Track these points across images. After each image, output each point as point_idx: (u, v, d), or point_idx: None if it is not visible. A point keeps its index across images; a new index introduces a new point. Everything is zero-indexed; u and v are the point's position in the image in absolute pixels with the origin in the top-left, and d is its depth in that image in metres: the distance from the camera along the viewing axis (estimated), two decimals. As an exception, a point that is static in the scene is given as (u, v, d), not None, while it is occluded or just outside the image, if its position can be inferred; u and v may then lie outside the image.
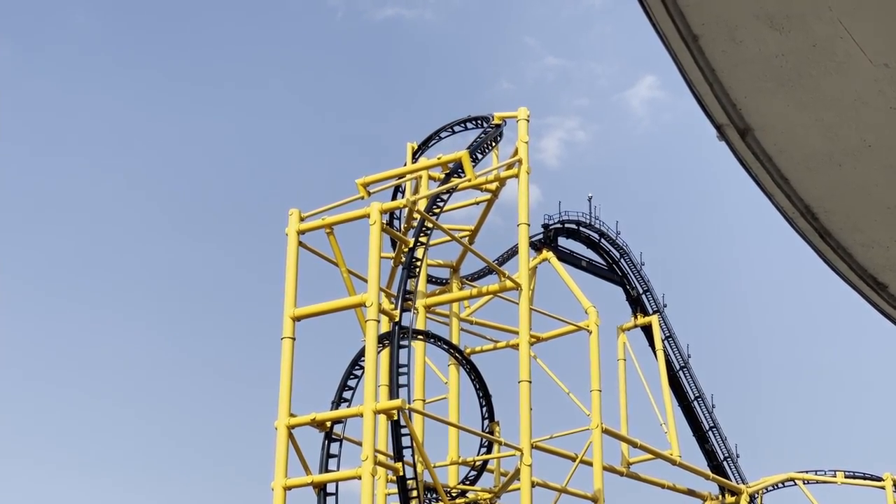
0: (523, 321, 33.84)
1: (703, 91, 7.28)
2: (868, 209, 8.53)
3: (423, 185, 35.96)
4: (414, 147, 39.06)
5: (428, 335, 35.48)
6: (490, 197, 36.96)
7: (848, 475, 50.42)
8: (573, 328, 39.99)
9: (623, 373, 44.96)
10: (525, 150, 35.04)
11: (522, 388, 32.95)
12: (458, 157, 33.70)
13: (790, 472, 50.81)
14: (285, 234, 32.34)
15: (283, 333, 31.26)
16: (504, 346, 40.08)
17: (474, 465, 35.86)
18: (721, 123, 7.62)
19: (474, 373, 35.70)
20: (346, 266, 32.62)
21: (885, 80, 7.03)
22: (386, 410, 29.39)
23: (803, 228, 8.82)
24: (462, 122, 38.13)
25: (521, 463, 32.41)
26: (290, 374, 30.90)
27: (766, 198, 8.51)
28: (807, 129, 7.61)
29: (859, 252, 9.11)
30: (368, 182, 33.66)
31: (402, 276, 31.66)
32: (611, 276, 49.70)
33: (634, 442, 41.83)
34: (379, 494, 33.26)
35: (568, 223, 48.11)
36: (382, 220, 31.39)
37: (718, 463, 49.82)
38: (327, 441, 30.50)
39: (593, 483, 37.87)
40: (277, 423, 30.37)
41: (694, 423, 50.07)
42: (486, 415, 35.46)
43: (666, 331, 49.59)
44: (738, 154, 7.91)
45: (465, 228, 38.88)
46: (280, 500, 29.64)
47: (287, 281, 31.77)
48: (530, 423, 32.80)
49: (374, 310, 29.93)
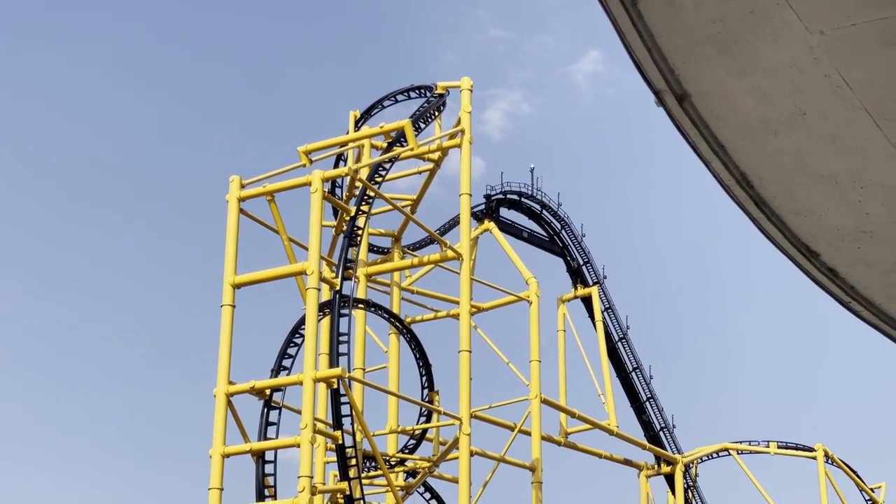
0: (464, 291, 33.92)
1: (642, 56, 7.31)
2: (802, 178, 8.62)
3: (365, 153, 35.82)
4: (357, 116, 38.88)
5: (369, 304, 35.45)
6: (432, 167, 36.92)
7: (781, 446, 51.16)
8: (514, 298, 40.16)
9: (562, 343, 45.25)
10: (468, 120, 35.02)
11: (462, 357, 33.07)
12: (400, 127, 33.60)
13: (724, 443, 51.48)
14: (226, 200, 32.09)
15: (223, 301, 31.08)
16: (445, 315, 40.18)
17: (413, 434, 35.96)
18: (659, 89, 7.67)
19: (415, 342, 35.74)
20: (286, 234, 32.46)
21: (821, 48, 7.10)
22: (326, 379, 29.35)
23: (739, 196, 8.90)
24: (405, 92, 38.00)
25: (460, 432, 32.54)
26: (230, 342, 30.75)
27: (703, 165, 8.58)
28: (743, 96, 7.68)
29: (793, 220, 9.21)
30: (310, 150, 33.47)
31: (344, 245, 31.56)
32: (552, 247, 49.92)
33: (572, 412, 42.15)
34: (318, 462, 33.27)
35: (510, 194, 48.21)
36: (324, 189, 31.24)
37: (655, 433, 50.35)
38: (266, 409, 30.42)
39: (531, 452, 38.16)
40: (216, 390, 30.23)
41: (631, 394, 50.52)
42: (426, 384, 35.54)
43: (605, 302, 49.93)
44: (675, 120, 7.97)
45: (407, 198, 38.84)
46: (218, 468, 29.54)
47: (227, 248, 31.56)
48: (470, 392, 32.93)
49: (314, 278, 29.84)
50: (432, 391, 35.48)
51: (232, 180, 32.10)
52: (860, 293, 10.22)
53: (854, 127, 7.85)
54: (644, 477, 48.87)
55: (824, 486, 49.58)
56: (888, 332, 10.92)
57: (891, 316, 10.63)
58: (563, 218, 49.75)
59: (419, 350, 35.59)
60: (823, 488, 49.51)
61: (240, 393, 30.30)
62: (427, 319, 40.67)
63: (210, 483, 29.54)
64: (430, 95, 36.32)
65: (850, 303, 10.33)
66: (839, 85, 7.42)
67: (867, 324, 10.77)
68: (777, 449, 51.07)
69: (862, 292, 10.21)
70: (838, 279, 9.99)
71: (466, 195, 34.68)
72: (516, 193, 48.46)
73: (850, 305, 10.39)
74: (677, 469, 49.41)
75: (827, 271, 9.91)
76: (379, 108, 38.58)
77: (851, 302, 10.32)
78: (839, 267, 9.85)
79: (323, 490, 31.12)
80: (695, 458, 50.99)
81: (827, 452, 50.44)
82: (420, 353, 35.59)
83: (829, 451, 50.62)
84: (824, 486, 49.58)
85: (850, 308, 10.46)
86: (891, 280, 9.95)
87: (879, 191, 8.63)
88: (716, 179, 8.69)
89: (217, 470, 29.53)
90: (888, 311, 10.55)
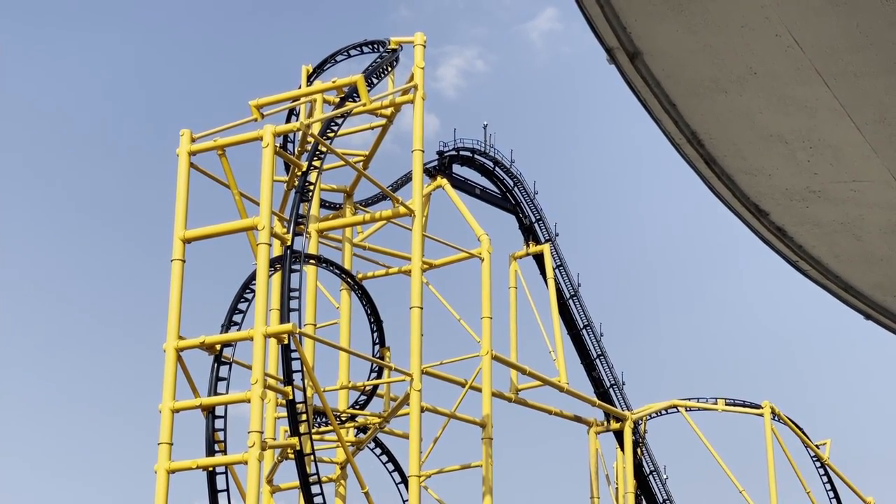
0: (416, 247, 33.89)
1: (595, 13, 7.28)
2: (752, 137, 8.65)
3: (317, 108, 35.56)
4: (309, 70, 38.57)
5: (320, 260, 35.33)
6: (385, 122, 36.73)
7: (728, 403, 51.77)
8: (465, 255, 40.20)
9: (514, 300, 45.39)
10: (421, 76, 34.84)
11: (414, 314, 33.09)
12: (353, 81, 33.36)
13: (673, 400, 52.00)
14: (176, 154, 31.79)
15: (173, 255, 30.84)
16: (396, 272, 40.14)
17: (364, 389, 36.00)
18: (611, 47, 7.64)
19: (366, 298, 35.70)
20: (238, 189, 32.23)
21: (771, 7, 7.09)
22: (276, 334, 29.28)
23: (689, 155, 8.93)
24: (358, 46, 37.72)
25: (410, 388, 32.62)
26: (180, 297, 30.55)
27: (654, 123, 8.59)
28: (694, 54, 7.67)
29: (743, 179, 9.26)
30: (262, 104, 33.16)
31: (295, 200, 31.40)
32: (504, 204, 49.97)
33: (523, 369, 42.37)
34: (268, 418, 33.24)
35: (463, 150, 48.14)
36: (276, 143, 31.01)
37: (605, 390, 50.75)
38: (216, 364, 30.30)
39: (482, 408, 38.36)
40: (166, 345, 30.08)
41: (582, 351, 50.85)
42: (377, 340, 35.55)
43: (557, 260, 50.11)
44: (627, 78, 7.95)
45: (359, 153, 38.66)
46: (168, 422, 29.44)
47: (178, 202, 31.28)
48: (420, 348, 32.99)
49: (265, 233, 29.68)
50: (383, 347, 35.50)
51: (182, 134, 31.77)
52: (808, 252, 10.31)
53: (803, 87, 7.87)
54: (593, 433, 49.30)
55: (770, 442, 50.25)
56: (835, 291, 11.03)
57: (837, 275, 10.73)
58: (516, 175, 49.79)
59: (370, 306, 35.57)
60: (770, 445, 50.18)
61: (190, 348, 30.15)
62: (378, 276, 40.62)
63: (160, 438, 29.43)
64: (384, 51, 36.08)
65: (797, 262, 10.42)
66: (789, 45, 7.43)
67: (814, 282, 10.87)
68: (725, 406, 51.67)
69: (809, 251, 10.30)
70: (786, 238, 10.07)
71: (419, 151, 34.56)
72: (469, 150, 48.39)
73: (798, 264, 10.48)
74: (626, 426, 49.88)
75: (776, 230, 9.98)
76: (331, 63, 38.28)
77: (799, 261, 10.40)
78: (787, 226, 9.92)
79: (273, 445, 31.12)
80: (644, 414, 51.49)
81: (774, 409, 51.10)
82: (371, 309, 35.57)
83: (776, 409, 51.29)
84: (770, 442, 50.25)
85: (797, 267, 10.54)
86: (837, 240, 10.04)
87: (828, 151, 8.68)
88: (667, 138, 8.70)
89: (167, 425, 29.42)
90: (835, 270, 10.66)
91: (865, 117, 8.19)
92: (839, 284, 10.87)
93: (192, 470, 29.41)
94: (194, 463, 29.35)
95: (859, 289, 10.94)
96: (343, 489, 35.74)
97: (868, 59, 7.53)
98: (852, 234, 9.92)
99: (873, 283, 10.84)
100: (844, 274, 10.69)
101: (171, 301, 30.47)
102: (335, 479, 35.75)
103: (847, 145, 8.57)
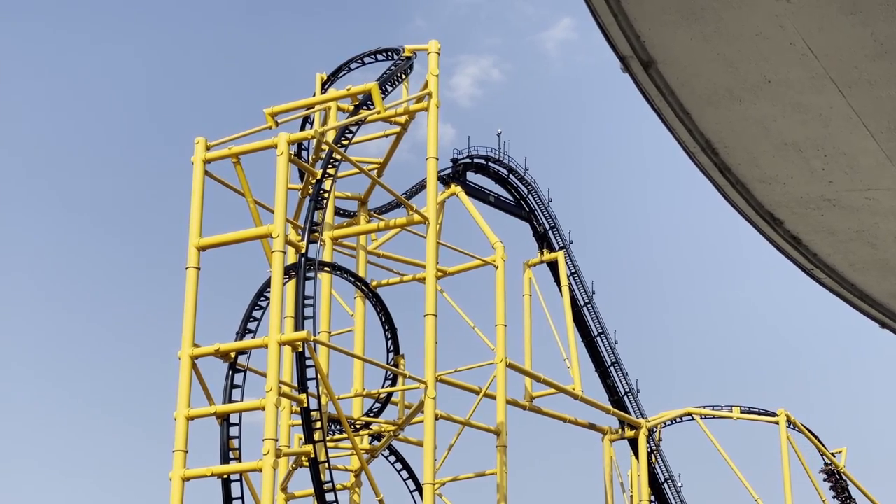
0: (430, 255, 33.91)
1: (608, 22, 7.28)
2: (766, 146, 8.64)
3: (331, 116, 35.63)
4: (323, 78, 38.67)
5: (334, 267, 35.38)
6: (399, 130, 36.79)
7: (744, 410, 51.57)
8: (480, 263, 40.19)
9: (528, 308, 45.35)
10: (435, 84, 34.89)
11: (428, 321, 33.10)
12: (367, 89, 33.43)
13: (688, 408, 51.82)
14: (191, 162, 31.90)
15: (188, 263, 30.95)
16: (410, 279, 40.13)
17: (378, 397, 36.00)
18: (625, 55, 7.64)
19: (380, 306, 35.73)
20: (252, 196, 32.31)
21: (786, 15, 7.09)
22: (291, 342, 29.33)
23: (704, 163, 8.92)
24: (372, 54, 37.81)
25: (425, 396, 32.62)
26: (195, 304, 30.65)
27: (668, 132, 8.58)
28: (709, 63, 7.67)
29: (757, 188, 9.24)
30: (276, 112, 33.26)
31: (310, 208, 31.46)
32: (518, 211, 49.95)
33: (538, 376, 42.31)
34: (283, 425, 33.27)
35: (477, 158, 48.16)
36: (290, 151, 31.10)
37: (619, 398, 50.61)
38: (231, 372, 30.38)
39: (496, 416, 38.31)
40: (181, 353, 30.16)
41: (596, 359, 50.73)
42: (392, 348, 35.57)
43: (571, 267, 50.05)
44: (641, 87, 7.95)
45: (374, 161, 38.71)
46: (183, 430, 29.51)
47: (192, 210, 31.40)
48: (435, 356, 32.99)
49: (280, 241, 29.75)
50: (398, 355, 35.52)
51: (197, 142, 31.89)
52: (823, 261, 10.28)
53: (818, 95, 7.86)
54: (608, 441, 49.18)
55: (786, 450, 50.06)
56: (850, 300, 11.00)
57: (852, 283, 10.70)
58: (530, 183, 49.78)
59: (385, 314, 35.59)
60: (785, 453, 49.99)
61: (204, 355, 30.23)
62: (393, 283, 40.62)
63: (174, 445, 29.52)
64: (398, 58, 36.15)
65: (812, 270, 10.39)
66: (804, 53, 7.42)
67: (829, 291, 10.84)
68: (740, 414, 51.49)
69: (824, 260, 10.27)
70: (801, 246, 10.04)
71: (433, 159, 34.61)
72: (483, 158, 48.42)
73: (813, 273, 10.45)
74: (641, 433, 49.73)
75: (790, 239, 9.96)
76: (346, 71, 38.38)
77: (814, 269, 10.37)
78: (802, 234, 9.89)
79: (288, 453, 31.16)
80: (658, 422, 51.34)
81: (789, 417, 50.91)
82: (386, 316, 35.59)
83: (792, 416, 51.09)
84: (786, 450, 50.06)
85: (812, 275, 10.52)
86: (852, 248, 10.01)
87: (843, 159, 8.66)
88: (681, 146, 8.69)
89: (182, 432, 29.49)
90: (850, 279, 10.62)
91: (880, 125, 8.18)
92: (854, 293, 10.84)
93: (207, 477, 29.46)
94: (209, 470, 29.40)
95: (874, 297, 10.90)
96: (357, 497, 35.73)
97: (883, 67, 7.53)
98: (867, 243, 9.90)
99: (888, 291, 10.81)
100: (859, 282, 10.65)
101: (185, 309, 30.56)
102: (350, 486, 35.76)
103: (862, 154, 8.55)
